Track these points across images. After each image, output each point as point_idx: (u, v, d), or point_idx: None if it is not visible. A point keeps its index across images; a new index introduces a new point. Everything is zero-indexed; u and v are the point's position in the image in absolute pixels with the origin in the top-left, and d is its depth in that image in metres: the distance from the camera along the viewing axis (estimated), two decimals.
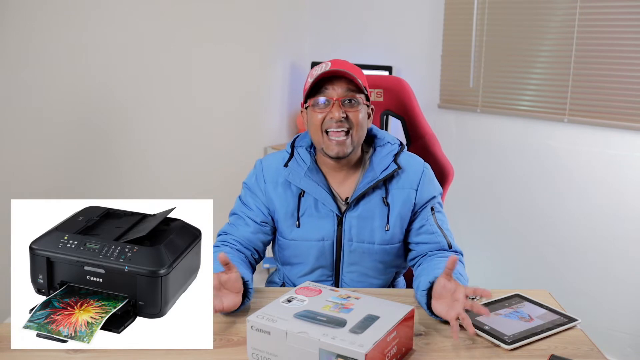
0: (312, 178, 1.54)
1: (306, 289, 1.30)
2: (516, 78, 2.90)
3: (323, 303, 1.24)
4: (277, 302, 1.24)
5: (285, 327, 1.14)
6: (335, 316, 1.19)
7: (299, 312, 1.20)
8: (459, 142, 3.13)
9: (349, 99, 1.48)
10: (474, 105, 3.06)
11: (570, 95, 2.71)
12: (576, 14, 2.64)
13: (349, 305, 1.24)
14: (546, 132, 2.82)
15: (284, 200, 1.56)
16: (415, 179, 1.56)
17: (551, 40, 2.75)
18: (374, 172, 1.53)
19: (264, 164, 1.60)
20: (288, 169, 1.55)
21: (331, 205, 1.53)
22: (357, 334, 1.12)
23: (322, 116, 1.48)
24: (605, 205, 2.66)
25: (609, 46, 2.57)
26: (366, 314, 1.20)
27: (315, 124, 1.49)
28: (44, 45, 2.26)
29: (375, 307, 1.23)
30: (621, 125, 2.57)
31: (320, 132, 1.49)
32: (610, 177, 2.64)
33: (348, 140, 1.48)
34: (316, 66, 1.52)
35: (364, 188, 1.52)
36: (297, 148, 1.59)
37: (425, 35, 3.19)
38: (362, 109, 1.50)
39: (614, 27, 2.56)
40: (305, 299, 1.26)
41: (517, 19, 2.86)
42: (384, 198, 1.54)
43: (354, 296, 1.28)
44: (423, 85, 3.15)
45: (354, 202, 1.53)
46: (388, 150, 1.56)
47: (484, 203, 3.09)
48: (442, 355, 1.24)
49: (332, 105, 1.47)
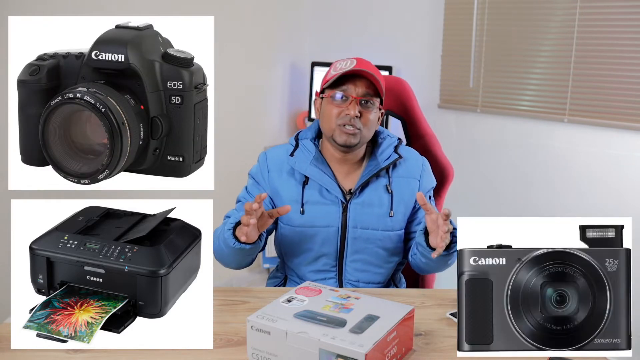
0: (318, 166, 1.58)
1: (306, 289, 1.30)
2: (516, 78, 2.90)
3: (323, 303, 1.24)
4: (277, 302, 1.24)
5: (285, 327, 1.14)
6: (335, 316, 1.19)
7: (298, 312, 1.20)
8: (459, 142, 3.13)
9: (366, 100, 1.53)
10: (474, 105, 3.06)
11: (570, 95, 2.71)
12: (576, 14, 2.64)
13: (349, 305, 1.24)
14: (546, 132, 2.82)
15: (288, 187, 1.59)
16: (417, 169, 1.64)
17: (551, 40, 2.75)
18: (377, 161, 1.60)
19: (268, 155, 1.65)
20: (294, 157, 1.59)
21: (337, 192, 1.57)
22: (357, 334, 1.12)
23: (338, 111, 1.52)
24: (605, 205, 2.66)
25: (609, 46, 2.58)
26: (366, 314, 1.20)
27: (330, 115, 1.54)
28: None
29: (375, 307, 1.23)
30: (621, 125, 2.57)
31: (332, 123, 1.54)
32: (610, 177, 2.64)
33: (357, 134, 1.53)
34: (340, 60, 1.57)
35: (368, 175, 1.58)
36: (301, 140, 1.63)
37: (425, 35, 3.19)
38: (375, 112, 1.56)
39: (614, 27, 2.56)
40: (305, 298, 1.26)
41: (517, 19, 2.86)
42: (387, 185, 1.59)
43: (354, 296, 1.28)
44: (423, 85, 3.15)
45: (358, 190, 1.58)
46: (389, 143, 1.63)
47: (484, 203, 3.09)
48: (442, 355, 1.24)
49: (349, 102, 1.52)
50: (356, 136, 1.53)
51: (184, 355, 1.23)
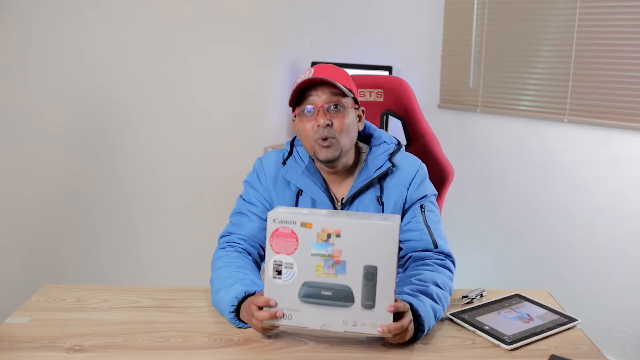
0: (310, 177, 1.53)
1: (281, 239, 1.22)
2: (516, 78, 2.90)
3: (312, 264, 1.20)
4: (270, 281, 1.23)
5: (302, 321, 1.22)
6: (338, 285, 1.19)
7: (300, 290, 1.21)
8: (459, 142, 3.13)
9: (334, 104, 1.46)
10: (474, 105, 3.06)
11: (570, 95, 2.71)
12: (576, 14, 2.64)
13: (337, 255, 1.19)
14: (546, 132, 2.82)
15: (283, 198, 1.55)
16: (409, 177, 1.54)
17: (551, 40, 2.75)
18: (368, 171, 1.53)
19: (264, 162, 1.60)
20: (286, 166, 1.55)
21: (327, 205, 1.52)
22: (371, 309, 1.19)
23: (311, 125, 1.46)
24: (605, 205, 2.66)
25: (609, 46, 2.57)
26: (362, 265, 1.19)
27: (305, 134, 1.48)
28: (44, 46, 2.26)
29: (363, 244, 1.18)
30: (621, 125, 2.57)
31: (310, 140, 1.48)
32: (610, 177, 2.64)
33: (335, 145, 1.46)
34: (300, 74, 1.51)
35: (357, 187, 1.51)
36: (296, 146, 1.59)
37: (425, 35, 3.19)
38: (348, 114, 1.48)
39: (614, 27, 2.56)
40: (291, 261, 1.21)
41: (517, 19, 2.86)
42: (378, 197, 1.53)
43: (334, 232, 1.19)
44: (423, 85, 3.15)
45: (348, 202, 1.53)
46: (383, 150, 1.56)
47: (484, 203, 3.09)
48: (442, 355, 1.24)
49: (317, 112, 1.45)
50: (335, 147, 1.46)
51: (184, 355, 1.23)
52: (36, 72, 2.25)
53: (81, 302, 1.48)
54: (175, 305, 1.46)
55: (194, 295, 1.52)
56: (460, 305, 1.47)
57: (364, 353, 1.24)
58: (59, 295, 1.50)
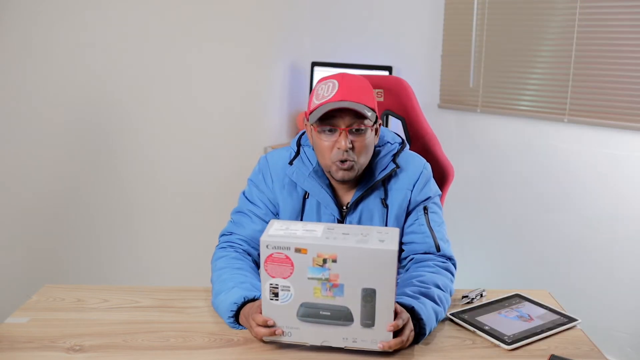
0: (317, 180, 1.50)
1: (276, 264, 1.18)
2: (516, 78, 2.90)
3: (309, 287, 1.17)
4: (268, 303, 1.21)
5: (302, 337, 1.21)
6: (336, 307, 1.17)
7: (298, 310, 1.19)
8: (459, 142, 3.12)
9: (356, 128, 1.41)
10: (474, 105, 3.06)
11: (570, 95, 2.71)
12: (576, 14, 2.64)
13: (334, 279, 1.16)
14: (546, 132, 2.82)
15: (290, 202, 1.53)
16: (413, 179, 1.52)
17: (551, 40, 2.75)
18: (372, 174, 1.51)
19: (270, 161, 1.56)
20: (293, 167, 1.52)
21: (332, 209, 1.51)
22: (370, 328, 1.18)
23: (330, 144, 1.42)
24: (605, 205, 2.66)
25: (609, 46, 2.57)
26: (360, 288, 1.16)
27: (322, 151, 1.43)
28: (44, 45, 2.26)
29: (360, 269, 1.15)
30: (621, 125, 2.57)
31: (327, 159, 1.44)
32: (610, 177, 2.64)
33: (354, 167, 1.43)
34: (323, 83, 1.44)
35: (362, 190, 1.50)
36: (303, 147, 1.55)
37: (425, 35, 3.19)
38: (369, 135, 1.44)
39: (614, 27, 2.56)
40: (287, 284, 1.18)
41: (517, 19, 2.86)
42: (382, 199, 1.52)
43: (330, 257, 1.15)
44: (423, 85, 3.15)
45: (353, 206, 1.51)
46: (387, 151, 1.54)
47: (484, 203, 3.09)
48: (442, 355, 1.24)
49: (339, 134, 1.40)
50: (353, 170, 1.43)
51: (184, 355, 1.23)
52: (36, 72, 2.24)
53: (81, 302, 1.48)
54: (175, 305, 1.46)
55: (194, 295, 1.52)
56: (460, 305, 1.47)
57: (364, 353, 1.24)
58: (59, 295, 1.50)
